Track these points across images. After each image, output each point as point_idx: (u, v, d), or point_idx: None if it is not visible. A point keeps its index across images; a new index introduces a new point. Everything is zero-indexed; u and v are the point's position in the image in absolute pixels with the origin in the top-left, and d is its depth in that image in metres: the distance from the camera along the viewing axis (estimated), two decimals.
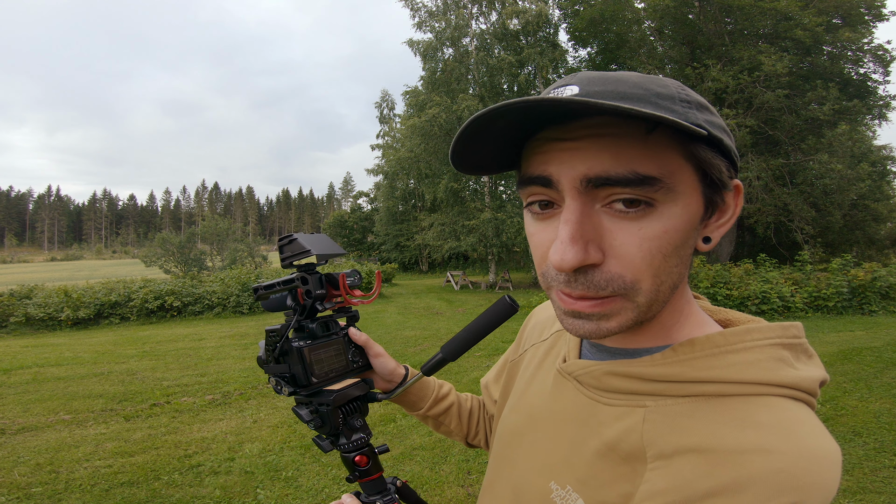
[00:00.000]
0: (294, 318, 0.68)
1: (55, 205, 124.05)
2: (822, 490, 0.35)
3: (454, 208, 16.30)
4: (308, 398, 0.68)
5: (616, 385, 0.46)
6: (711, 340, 0.44)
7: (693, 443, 0.39)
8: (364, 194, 32.21)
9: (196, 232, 23.45)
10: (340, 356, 0.70)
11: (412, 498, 0.74)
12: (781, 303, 8.81)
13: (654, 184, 0.38)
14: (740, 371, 0.41)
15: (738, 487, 0.35)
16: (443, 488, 2.92)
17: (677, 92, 0.40)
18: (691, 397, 0.42)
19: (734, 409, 0.40)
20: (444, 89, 15.65)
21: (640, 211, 0.39)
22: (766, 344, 0.43)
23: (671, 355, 0.44)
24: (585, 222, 0.39)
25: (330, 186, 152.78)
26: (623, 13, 14.70)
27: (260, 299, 0.72)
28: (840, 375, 4.98)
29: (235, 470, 3.19)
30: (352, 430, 0.70)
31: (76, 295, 9.83)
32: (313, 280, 0.67)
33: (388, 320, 9.32)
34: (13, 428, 3.93)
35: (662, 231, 0.39)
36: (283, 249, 0.68)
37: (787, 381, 0.41)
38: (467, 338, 0.64)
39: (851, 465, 3.12)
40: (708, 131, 0.38)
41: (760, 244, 14.88)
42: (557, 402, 0.53)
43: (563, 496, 0.46)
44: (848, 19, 13.31)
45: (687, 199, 0.40)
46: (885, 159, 14.08)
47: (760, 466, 0.36)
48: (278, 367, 0.67)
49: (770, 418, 0.39)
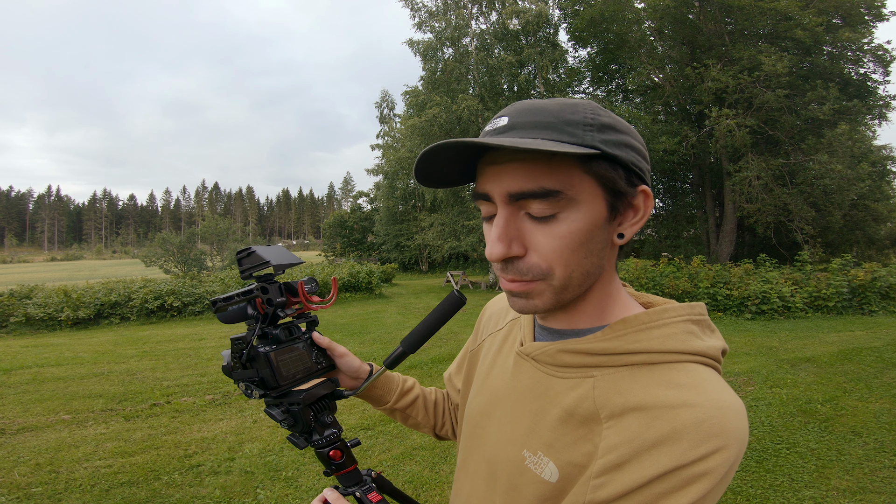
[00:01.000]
0: (257, 325, 0.71)
1: (55, 205, 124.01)
2: (737, 435, 0.45)
3: (454, 208, 16.29)
4: (278, 399, 0.71)
5: (567, 360, 0.55)
6: (638, 319, 0.53)
7: (635, 402, 0.48)
8: (364, 194, 32.14)
9: (196, 232, 23.45)
10: (305, 358, 0.74)
11: (388, 488, 0.77)
12: (781, 303, 8.80)
13: (557, 195, 0.48)
14: (662, 342, 0.51)
15: (675, 436, 0.44)
16: (443, 488, 2.92)
17: (584, 117, 0.49)
18: (628, 366, 0.52)
19: (661, 374, 0.50)
20: (444, 89, 15.64)
21: (551, 216, 0.50)
22: (679, 320, 0.53)
23: (609, 332, 0.53)
24: (510, 226, 0.51)
25: (330, 186, 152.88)
26: (623, 13, 14.69)
27: (218, 311, 0.74)
28: (840, 375, 4.98)
29: (235, 470, 3.19)
30: (323, 427, 0.74)
31: (76, 295, 9.83)
32: (273, 289, 0.71)
33: (388, 320, 9.32)
34: (13, 428, 3.93)
35: (567, 231, 0.50)
36: (241, 262, 0.72)
37: (697, 350, 0.51)
38: (424, 331, 0.71)
39: (851, 465, 3.12)
40: (601, 150, 0.48)
41: (760, 244, 14.87)
42: (518, 381, 0.60)
43: (536, 461, 0.54)
44: (848, 19, 13.30)
45: (588, 205, 0.50)
46: (885, 159, 14.06)
47: (687, 417, 0.45)
48: (246, 372, 0.70)
49: (688, 379, 0.48)
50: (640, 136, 0.54)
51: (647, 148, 0.55)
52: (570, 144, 0.47)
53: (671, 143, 13.30)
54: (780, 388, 4.64)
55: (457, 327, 7.73)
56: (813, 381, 4.84)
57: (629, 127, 0.53)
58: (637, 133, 0.54)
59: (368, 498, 0.72)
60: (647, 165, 0.54)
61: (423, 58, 16.33)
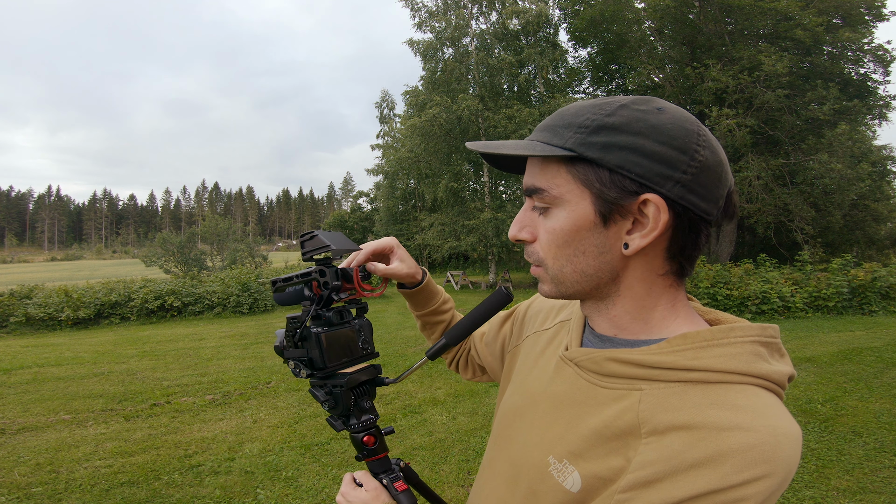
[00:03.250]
0: (312, 306, 0.72)
1: (55, 205, 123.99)
2: (786, 464, 0.43)
3: (454, 208, 16.29)
4: (323, 380, 0.74)
5: (615, 370, 0.53)
6: (701, 335, 0.50)
7: (682, 421, 0.46)
8: (364, 194, 32.12)
9: (196, 232, 23.43)
10: (353, 343, 0.75)
11: (414, 479, 0.79)
12: (781, 303, 8.80)
13: (541, 193, 0.53)
14: (723, 362, 0.48)
15: (720, 459, 0.42)
16: (443, 488, 2.92)
17: (586, 119, 0.50)
18: (681, 383, 0.49)
19: (717, 394, 0.47)
20: (445, 89, 15.63)
21: (545, 211, 0.54)
22: (746, 340, 0.50)
23: (666, 346, 0.51)
24: (525, 214, 0.57)
25: (330, 186, 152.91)
26: (623, 13, 14.69)
27: (277, 291, 0.77)
28: (840, 375, 4.98)
29: (235, 470, 3.19)
30: (361, 412, 0.76)
31: (76, 295, 9.83)
32: (331, 273, 0.73)
33: (388, 320, 9.32)
34: (13, 428, 3.93)
35: (553, 227, 0.53)
36: (304, 244, 0.75)
37: (762, 373, 0.48)
38: (468, 325, 0.73)
39: (851, 465, 3.12)
40: (576, 152, 0.49)
41: (760, 244, 14.87)
42: (557, 386, 0.59)
43: (560, 468, 0.52)
44: (848, 19, 13.30)
45: (573, 205, 0.51)
46: (885, 159, 14.04)
47: (737, 441, 0.42)
48: (297, 351, 0.72)
49: (746, 402, 0.46)
50: (678, 139, 0.48)
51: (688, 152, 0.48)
52: (554, 147, 0.50)
53: None
54: None
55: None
56: (813, 381, 4.84)
57: (657, 128, 0.48)
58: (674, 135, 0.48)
59: (394, 486, 0.73)
60: (665, 171, 0.47)
61: (424, 58, 16.34)
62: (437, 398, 4.54)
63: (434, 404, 4.38)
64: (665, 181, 0.48)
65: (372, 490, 0.71)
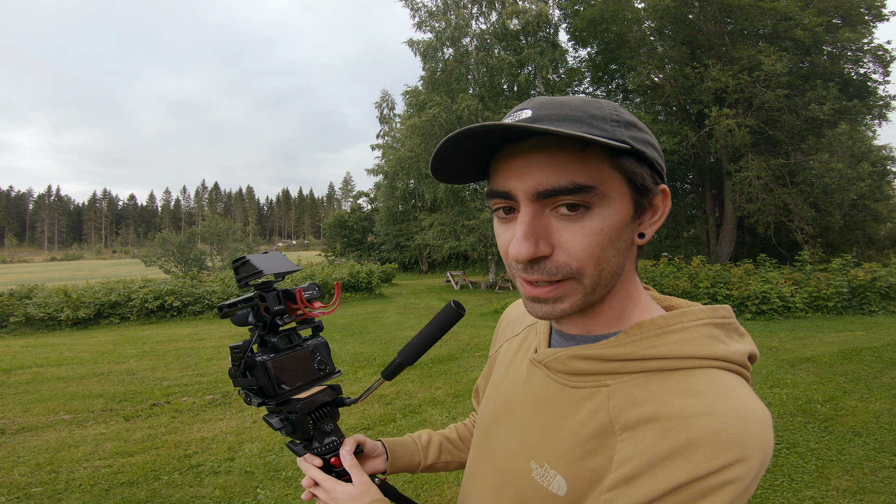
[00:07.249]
0: (256, 333, 0.70)
1: (55, 205, 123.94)
2: (760, 446, 0.42)
3: (454, 208, 16.28)
4: (278, 407, 0.71)
5: (580, 367, 0.53)
6: (655, 323, 0.51)
7: (650, 412, 0.46)
8: (364, 194, 32.12)
9: (196, 232, 23.45)
10: (306, 366, 0.73)
11: (393, 493, 0.77)
12: (781, 303, 8.79)
13: (590, 191, 0.46)
14: (679, 347, 0.49)
15: (691, 447, 0.42)
16: (443, 488, 2.92)
17: (609, 113, 0.49)
18: (643, 373, 0.49)
19: (678, 381, 0.47)
20: (444, 89, 15.64)
21: (580, 213, 0.47)
22: (699, 324, 0.51)
23: (623, 337, 0.51)
24: (536, 223, 0.48)
25: (330, 186, 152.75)
26: (623, 13, 14.69)
27: (225, 317, 0.74)
28: (840, 375, 4.98)
29: (235, 470, 3.19)
30: (323, 435, 0.74)
31: (76, 295, 9.83)
32: (271, 297, 0.70)
33: (388, 320, 9.32)
34: (13, 428, 3.93)
35: (598, 228, 0.47)
36: (237, 271, 0.71)
37: (719, 355, 0.48)
38: (420, 343, 0.71)
39: (851, 465, 3.12)
40: (631, 145, 0.47)
41: (760, 244, 14.87)
42: (530, 389, 0.59)
43: (542, 473, 0.52)
44: (848, 19, 13.30)
45: (617, 202, 0.48)
46: (885, 159, 14.03)
47: (704, 427, 0.42)
48: (246, 380, 0.70)
49: (707, 386, 0.46)
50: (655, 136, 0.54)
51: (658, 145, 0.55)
52: (601, 138, 0.45)
53: (671, 143, 13.30)
54: (780, 388, 4.64)
55: (457, 328, 7.73)
56: (813, 381, 4.84)
57: (647, 127, 0.53)
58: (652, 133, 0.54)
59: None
60: (661, 161, 0.53)
61: (423, 58, 16.34)
62: (436, 398, 4.54)
63: (434, 404, 4.38)
64: (662, 171, 0.53)
65: (361, 485, 0.68)
